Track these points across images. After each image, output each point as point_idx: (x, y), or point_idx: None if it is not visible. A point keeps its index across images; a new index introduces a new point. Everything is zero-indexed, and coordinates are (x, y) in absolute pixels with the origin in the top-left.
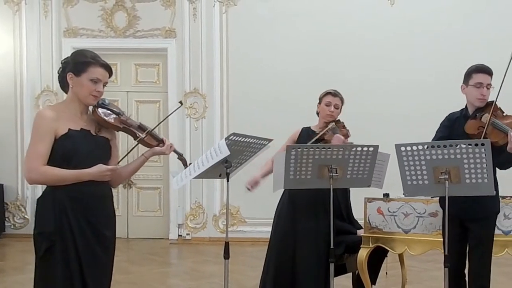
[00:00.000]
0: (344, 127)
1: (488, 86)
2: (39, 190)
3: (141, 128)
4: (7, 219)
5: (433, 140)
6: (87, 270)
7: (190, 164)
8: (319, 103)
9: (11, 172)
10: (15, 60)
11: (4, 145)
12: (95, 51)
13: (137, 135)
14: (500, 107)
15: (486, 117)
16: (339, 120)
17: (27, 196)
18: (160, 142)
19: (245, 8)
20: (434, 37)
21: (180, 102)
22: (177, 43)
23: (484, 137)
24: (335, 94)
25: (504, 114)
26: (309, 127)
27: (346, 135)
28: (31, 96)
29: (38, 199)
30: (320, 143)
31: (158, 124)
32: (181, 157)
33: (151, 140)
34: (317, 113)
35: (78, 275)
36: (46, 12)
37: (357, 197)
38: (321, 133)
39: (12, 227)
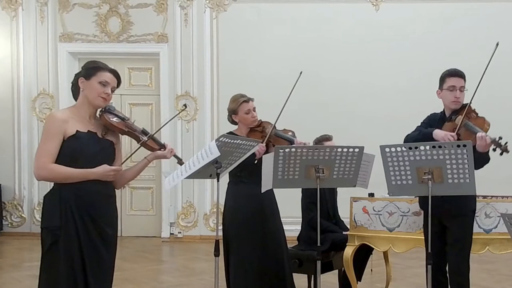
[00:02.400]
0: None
1: (461, 88)
2: (36, 190)
3: (144, 132)
4: (4, 218)
5: (412, 132)
6: (89, 266)
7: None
8: (235, 113)
9: (9, 173)
10: (12, 64)
11: (2, 146)
12: (89, 56)
13: (140, 139)
14: (474, 109)
15: (459, 119)
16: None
17: (24, 195)
18: (162, 146)
19: (235, 14)
20: (417, 42)
21: (185, 105)
22: (169, 47)
23: (458, 138)
24: (248, 99)
25: (478, 116)
26: (231, 131)
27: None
28: (27, 99)
29: (45, 196)
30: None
31: (162, 127)
32: (180, 161)
33: (153, 144)
34: (233, 122)
35: (80, 270)
36: (42, 17)
37: (343, 197)
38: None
39: (9, 225)
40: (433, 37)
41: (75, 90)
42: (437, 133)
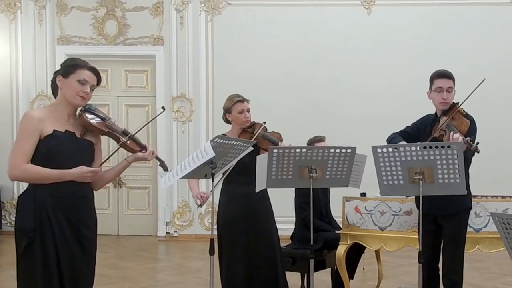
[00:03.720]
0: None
1: (449, 89)
2: None
3: (125, 133)
4: (3, 217)
5: (396, 132)
6: (64, 267)
7: (164, 164)
8: (229, 112)
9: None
10: (11, 66)
11: (1, 147)
12: (87, 58)
13: (120, 140)
14: (461, 108)
15: (443, 120)
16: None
17: None
18: (143, 148)
19: (229, 17)
20: (409, 44)
21: (163, 108)
22: (165, 50)
23: (442, 139)
24: (243, 99)
25: (462, 116)
26: (224, 134)
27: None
28: (26, 100)
29: (19, 197)
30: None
31: (140, 129)
32: (162, 164)
33: (134, 145)
34: (227, 121)
35: (56, 272)
36: (40, 20)
37: (336, 196)
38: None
39: (8, 224)
40: (425, 39)
41: (55, 88)
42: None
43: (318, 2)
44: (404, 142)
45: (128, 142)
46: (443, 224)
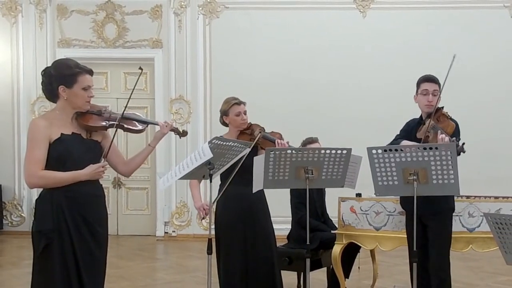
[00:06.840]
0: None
1: (435, 92)
2: (35, 190)
3: (125, 117)
4: (5, 217)
5: (392, 141)
6: (82, 265)
7: (184, 131)
8: (226, 115)
9: (9, 173)
10: (13, 69)
11: (2, 148)
12: (86, 61)
13: (120, 125)
14: (446, 112)
15: (428, 122)
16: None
17: (24, 195)
18: (147, 124)
19: (227, 20)
20: (403, 47)
21: (140, 68)
22: (164, 52)
23: (426, 141)
24: (240, 102)
25: (447, 119)
26: (222, 136)
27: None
28: (27, 102)
29: (36, 200)
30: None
31: (126, 105)
32: (178, 132)
33: (133, 125)
34: (224, 124)
35: (75, 270)
36: (41, 24)
37: (332, 197)
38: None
39: (9, 224)
40: (419, 42)
41: (52, 93)
42: (404, 143)
43: (314, 6)
44: (406, 142)
45: (124, 124)
46: (428, 223)
